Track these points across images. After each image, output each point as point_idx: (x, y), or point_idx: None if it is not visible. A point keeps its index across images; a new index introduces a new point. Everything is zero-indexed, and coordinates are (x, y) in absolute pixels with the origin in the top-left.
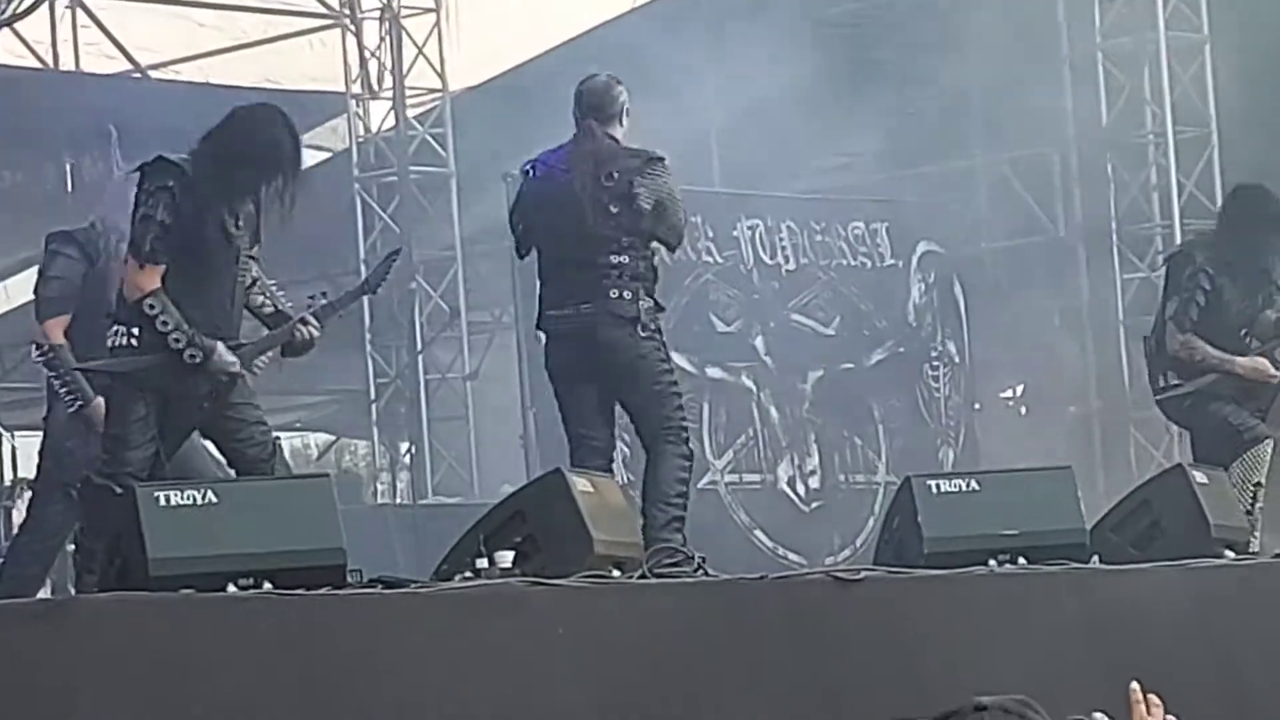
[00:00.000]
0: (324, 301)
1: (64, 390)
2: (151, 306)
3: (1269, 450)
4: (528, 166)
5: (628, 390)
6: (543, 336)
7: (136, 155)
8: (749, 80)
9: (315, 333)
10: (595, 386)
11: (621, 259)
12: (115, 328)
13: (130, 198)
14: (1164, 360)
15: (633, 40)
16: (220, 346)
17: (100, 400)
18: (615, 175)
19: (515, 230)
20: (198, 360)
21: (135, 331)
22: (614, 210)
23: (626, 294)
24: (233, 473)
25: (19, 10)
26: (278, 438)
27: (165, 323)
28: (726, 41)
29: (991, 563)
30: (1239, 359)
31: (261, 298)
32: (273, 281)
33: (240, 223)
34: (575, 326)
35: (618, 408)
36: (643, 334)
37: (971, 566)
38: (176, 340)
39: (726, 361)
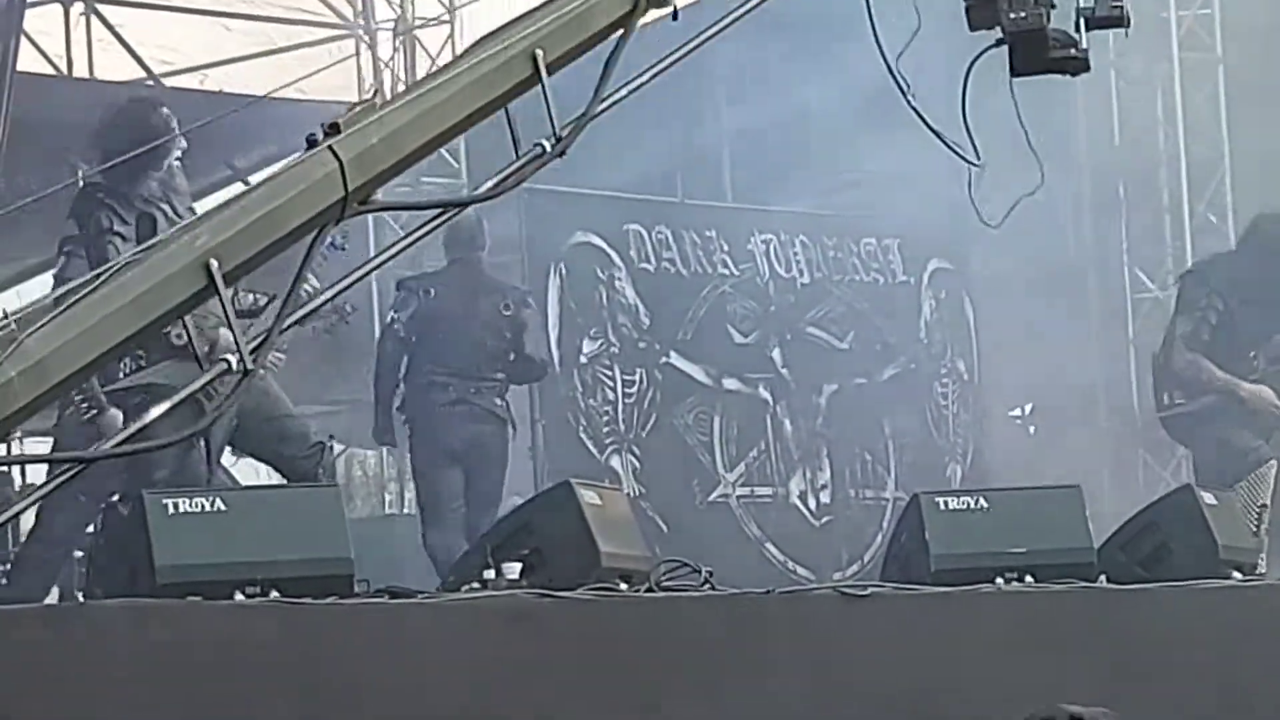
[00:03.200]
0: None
1: (79, 397)
2: None
3: (1273, 472)
4: (422, 288)
5: (486, 478)
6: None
7: None
8: (762, 96)
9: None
10: (463, 471)
11: (505, 374)
12: (117, 363)
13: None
14: (1170, 378)
15: (646, 54)
16: (222, 331)
17: (114, 411)
18: (511, 306)
19: (399, 336)
20: (206, 350)
21: (138, 354)
22: (508, 335)
23: (505, 401)
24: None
25: None
26: (331, 437)
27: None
28: (740, 58)
29: (999, 580)
30: (1244, 384)
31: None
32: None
33: (177, 205)
34: (467, 427)
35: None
36: (508, 434)
37: (978, 584)
38: (180, 337)
39: (744, 373)
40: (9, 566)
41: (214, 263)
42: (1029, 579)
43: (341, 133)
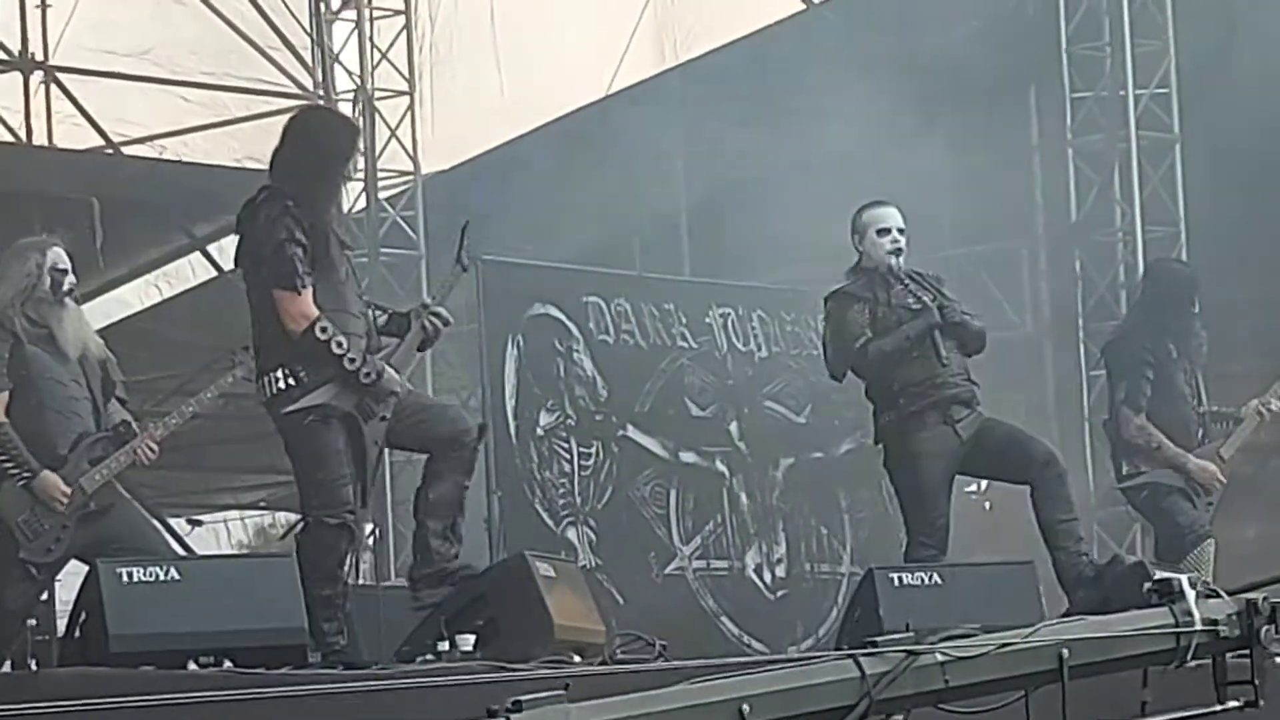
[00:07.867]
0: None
1: (9, 465)
2: (324, 330)
3: (1211, 551)
4: None
5: None
6: None
7: (112, 230)
8: (720, 169)
9: (446, 316)
10: None
11: None
12: (271, 373)
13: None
14: (1124, 447)
15: (605, 126)
16: (388, 368)
17: (47, 474)
18: None
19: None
20: (372, 379)
21: (299, 370)
22: None
23: None
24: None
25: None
26: (482, 424)
27: (340, 344)
28: (699, 129)
29: None
30: (1191, 460)
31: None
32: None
33: (342, 227)
34: None
35: None
36: None
37: None
38: (352, 360)
39: (701, 446)
40: None
41: None
42: None
43: (522, 710)
